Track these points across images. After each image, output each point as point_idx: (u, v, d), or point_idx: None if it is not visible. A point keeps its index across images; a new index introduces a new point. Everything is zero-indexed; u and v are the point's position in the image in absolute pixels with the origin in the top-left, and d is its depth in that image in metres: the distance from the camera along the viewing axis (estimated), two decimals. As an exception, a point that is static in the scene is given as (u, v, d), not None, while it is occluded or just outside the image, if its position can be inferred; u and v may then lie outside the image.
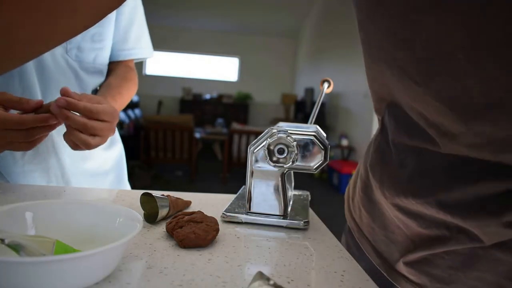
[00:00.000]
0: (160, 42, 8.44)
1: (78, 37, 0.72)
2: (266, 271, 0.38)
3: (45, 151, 0.71)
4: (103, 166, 0.83)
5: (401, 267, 0.45)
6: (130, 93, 0.85)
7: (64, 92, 0.58)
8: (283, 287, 0.32)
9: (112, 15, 0.79)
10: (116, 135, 0.89)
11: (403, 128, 0.44)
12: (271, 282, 0.30)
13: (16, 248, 0.32)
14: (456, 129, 0.37)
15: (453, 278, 0.40)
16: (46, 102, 0.70)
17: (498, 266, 0.38)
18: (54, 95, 0.71)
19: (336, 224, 0.92)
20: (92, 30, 0.74)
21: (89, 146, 0.61)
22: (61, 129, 0.73)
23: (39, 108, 0.59)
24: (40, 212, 0.40)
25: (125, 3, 0.81)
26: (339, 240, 0.51)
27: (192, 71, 9.45)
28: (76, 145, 0.61)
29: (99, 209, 0.42)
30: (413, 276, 0.44)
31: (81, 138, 0.59)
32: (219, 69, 9.63)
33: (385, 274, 0.48)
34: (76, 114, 0.59)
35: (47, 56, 0.69)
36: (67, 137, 0.60)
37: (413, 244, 0.44)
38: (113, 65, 0.86)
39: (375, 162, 0.48)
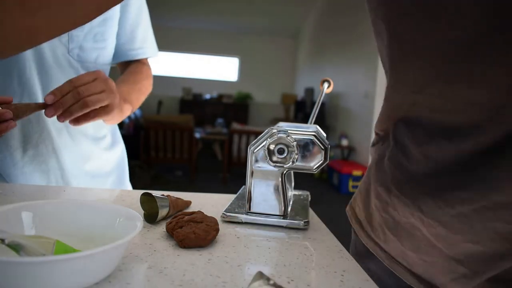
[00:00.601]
0: (160, 42, 8.27)
1: (80, 37, 0.72)
2: (266, 271, 0.38)
3: (45, 153, 0.70)
4: (104, 167, 0.83)
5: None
6: (142, 84, 0.85)
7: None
8: (283, 287, 0.32)
9: (116, 15, 0.78)
10: (118, 136, 0.89)
11: (422, 138, 0.42)
12: (271, 282, 0.31)
13: (16, 248, 0.32)
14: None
15: None
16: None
17: None
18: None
19: (336, 224, 0.92)
20: (95, 29, 0.74)
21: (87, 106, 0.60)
22: (61, 130, 0.73)
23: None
24: (40, 212, 0.40)
25: (131, 2, 0.81)
26: (339, 240, 0.51)
27: (192, 71, 9.44)
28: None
29: (99, 209, 0.42)
30: None
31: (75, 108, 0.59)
32: (219, 69, 9.63)
33: None
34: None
35: (48, 55, 0.69)
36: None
37: (461, 263, 0.40)
38: (125, 64, 0.87)
39: (400, 179, 0.45)
